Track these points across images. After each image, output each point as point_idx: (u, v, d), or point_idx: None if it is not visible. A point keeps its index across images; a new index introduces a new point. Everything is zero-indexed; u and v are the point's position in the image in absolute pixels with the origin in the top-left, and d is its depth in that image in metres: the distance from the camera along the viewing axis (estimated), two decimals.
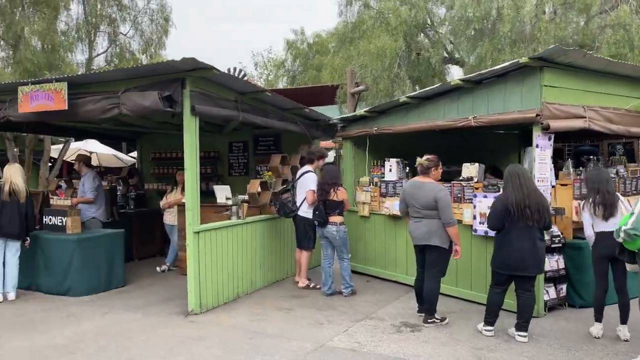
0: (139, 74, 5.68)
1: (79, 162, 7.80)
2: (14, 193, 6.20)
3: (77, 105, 5.98)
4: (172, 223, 7.98)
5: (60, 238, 6.52)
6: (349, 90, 10.17)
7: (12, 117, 6.56)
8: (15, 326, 5.26)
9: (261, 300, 6.15)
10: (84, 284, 6.47)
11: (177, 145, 9.35)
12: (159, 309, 5.84)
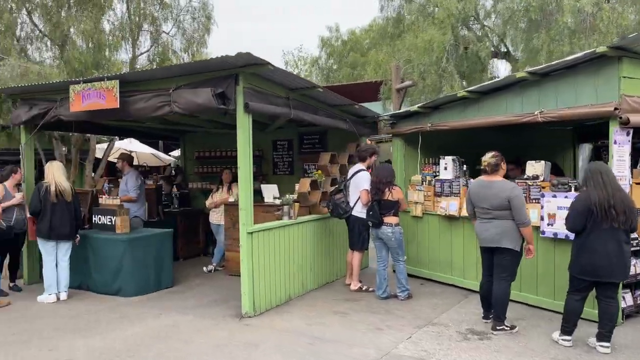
0: (192, 70, 5.55)
1: (122, 160, 7.76)
2: (60, 194, 6.15)
3: (128, 103, 5.91)
4: (218, 222, 7.88)
5: (111, 238, 6.47)
6: (394, 86, 9.88)
7: (63, 116, 6.55)
8: (71, 327, 5.21)
9: (314, 303, 5.95)
10: (134, 284, 6.41)
11: (221, 143, 9.30)
12: (212, 311, 5.71)
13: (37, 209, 6.10)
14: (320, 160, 6.95)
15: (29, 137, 7.12)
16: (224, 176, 7.93)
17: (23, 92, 6.86)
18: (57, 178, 6.20)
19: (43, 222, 6.07)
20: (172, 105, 5.67)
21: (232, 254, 7.54)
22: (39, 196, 6.08)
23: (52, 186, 6.12)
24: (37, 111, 6.71)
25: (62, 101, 6.56)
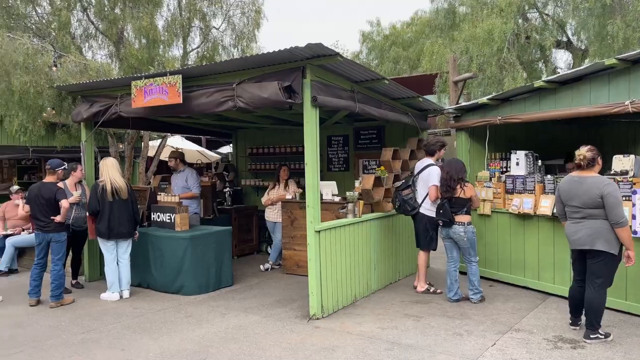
0: (256, 63, 5.37)
1: (175, 158, 7.67)
2: (116, 192, 6.08)
3: (189, 99, 5.79)
4: (274, 220, 7.72)
5: (173, 236, 6.38)
6: (452, 78, 9.50)
7: (123, 112, 6.51)
8: (139, 327, 5.13)
9: (382, 305, 5.70)
10: (195, 283, 6.31)
11: (274, 140, 9.14)
12: (277, 311, 5.53)
13: (95, 209, 6.06)
14: (383, 155, 6.68)
15: (89, 134, 7.12)
16: (281, 173, 7.76)
17: (84, 89, 6.85)
18: (112, 175, 6.12)
19: (102, 222, 6.03)
20: (236, 100, 5.52)
21: (290, 252, 7.38)
22: (96, 196, 6.03)
23: (107, 185, 6.05)
24: (97, 108, 6.70)
25: (122, 98, 6.53)
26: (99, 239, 6.17)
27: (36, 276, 5.97)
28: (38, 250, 5.92)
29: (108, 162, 6.23)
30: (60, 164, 6.06)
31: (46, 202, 5.79)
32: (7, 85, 6.36)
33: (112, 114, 6.61)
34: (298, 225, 7.27)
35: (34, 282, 5.96)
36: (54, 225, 5.83)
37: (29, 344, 4.69)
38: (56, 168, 5.99)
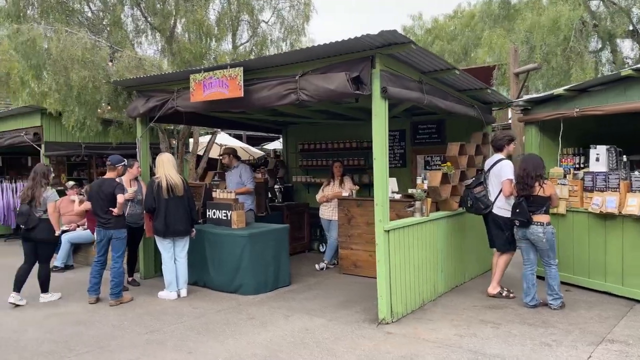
0: (322, 53, 5.10)
1: (229, 155, 7.50)
2: (171, 189, 5.93)
3: (250, 92, 5.58)
4: (329, 218, 7.47)
5: (231, 233, 6.21)
6: (513, 70, 9.01)
7: (180, 107, 6.36)
8: (202, 329, 4.96)
9: (453, 310, 5.36)
10: (254, 282, 6.12)
11: (326, 135, 8.86)
12: (342, 314, 5.27)
13: (151, 206, 5.93)
14: (449, 150, 6.32)
15: (145, 130, 7.03)
16: (335, 169, 7.49)
17: (140, 84, 6.75)
18: (168, 172, 5.98)
19: (158, 220, 5.90)
20: (299, 93, 5.27)
21: (347, 252, 7.11)
22: (152, 193, 5.90)
23: (163, 181, 5.91)
24: (154, 103, 6.58)
25: (179, 92, 6.39)
26: (156, 237, 6.05)
27: (96, 273, 5.90)
28: (99, 247, 5.85)
29: (164, 158, 6.09)
30: (120, 160, 5.96)
31: (106, 198, 5.70)
32: (66, 80, 6.32)
33: (169, 109, 6.48)
34: (355, 224, 7.00)
35: (94, 280, 5.89)
36: (114, 222, 5.74)
37: (95, 344, 4.58)
38: (116, 164, 5.89)
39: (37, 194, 5.83)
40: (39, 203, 5.83)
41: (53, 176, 6.17)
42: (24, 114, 9.59)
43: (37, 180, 5.87)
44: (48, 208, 5.86)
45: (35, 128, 9.31)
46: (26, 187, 5.93)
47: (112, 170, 5.89)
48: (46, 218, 5.88)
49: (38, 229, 5.83)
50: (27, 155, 15.92)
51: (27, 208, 5.82)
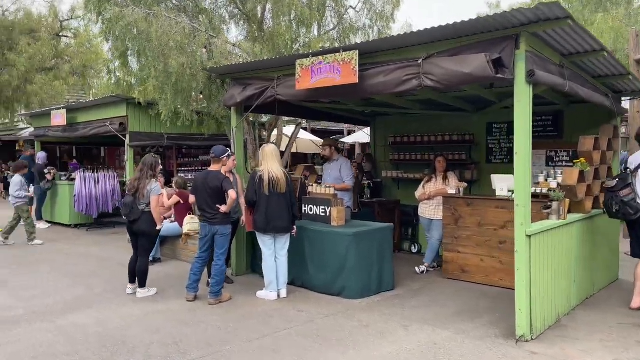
0: (452, 33, 4.52)
1: (330, 146, 7.08)
2: (273, 184, 5.52)
3: (364, 78, 5.09)
4: (431, 217, 6.88)
5: (335, 231, 5.76)
6: (633, 56, 8.07)
7: (281, 95, 5.97)
8: (316, 336, 4.52)
9: (597, 328, 4.65)
10: (358, 285, 5.65)
11: (421, 127, 8.23)
12: (467, 327, 4.69)
13: (251, 200, 5.55)
14: (582, 145, 5.57)
15: (240, 120, 6.70)
16: (438, 164, 6.89)
17: (238, 72, 6.41)
18: (270, 165, 5.59)
19: (258, 215, 5.52)
20: (422, 78, 4.73)
21: (453, 255, 6.51)
22: (254, 186, 5.52)
23: (265, 175, 5.52)
24: (252, 91, 6.22)
25: (279, 79, 5.99)
26: (257, 233, 5.69)
27: (197, 270, 5.61)
28: (202, 243, 5.55)
29: (267, 150, 5.69)
30: (224, 151, 5.63)
31: (212, 191, 5.39)
32: (165, 66, 6.06)
33: (268, 98, 6.10)
34: (464, 225, 6.38)
35: (194, 277, 5.60)
36: (220, 217, 5.42)
37: (206, 348, 4.24)
38: (220, 156, 5.56)
39: (142, 186, 5.61)
40: (143, 195, 5.61)
41: (161, 169, 5.96)
42: (109, 104, 9.56)
43: (144, 171, 5.66)
44: (151, 201, 5.62)
45: (120, 118, 9.25)
46: (133, 178, 5.74)
47: (216, 162, 5.55)
48: (148, 211, 5.66)
49: (140, 221, 5.62)
50: (101, 146, 16.31)
51: (132, 199, 5.62)
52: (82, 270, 7.15)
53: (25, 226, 9.13)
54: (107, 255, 8.14)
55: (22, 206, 9.09)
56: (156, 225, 5.73)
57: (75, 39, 18.65)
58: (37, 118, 12.39)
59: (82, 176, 10.54)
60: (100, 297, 5.77)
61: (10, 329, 4.73)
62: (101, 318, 5.05)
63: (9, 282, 6.47)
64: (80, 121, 10.47)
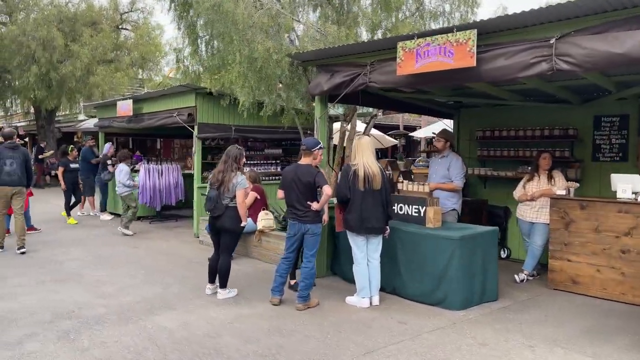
0: (598, 6, 3.85)
1: (445, 140, 6.32)
2: (368, 179, 4.99)
3: (482, 61, 4.49)
4: (533, 220, 6.17)
5: (436, 234, 5.18)
6: None
7: (375, 82, 5.46)
8: (430, 356, 3.98)
9: None
10: (461, 294, 5.06)
11: (513, 120, 7.47)
12: (607, 350, 4.03)
13: (345, 197, 5.03)
14: None
15: (325, 110, 6.21)
16: (542, 161, 6.17)
17: (326, 57, 5.91)
18: (366, 159, 5.05)
19: (352, 213, 5.00)
20: (555, 60, 4.10)
21: (561, 263, 5.80)
22: (347, 181, 4.99)
23: (360, 171, 5.00)
24: (340, 79, 5.73)
25: (373, 65, 5.47)
26: (349, 233, 5.18)
27: (283, 272, 5.17)
28: (289, 242, 5.10)
29: (363, 142, 5.16)
30: (316, 143, 5.14)
31: (303, 187, 4.92)
32: (250, 51, 5.63)
33: (359, 85, 5.59)
34: (576, 230, 5.67)
35: (280, 279, 5.16)
36: (312, 216, 4.95)
37: None
38: (312, 148, 5.07)
39: (227, 179, 5.21)
40: (228, 189, 5.21)
41: (245, 162, 5.55)
42: (177, 94, 9.28)
43: (228, 163, 5.25)
44: (237, 195, 5.22)
45: (189, 108, 8.95)
46: (217, 171, 5.34)
47: (307, 155, 5.07)
48: (233, 206, 5.26)
49: (224, 217, 5.23)
50: (157, 137, 16.24)
51: (216, 194, 5.23)
52: (152, 265, 6.87)
53: (129, 215, 9.15)
54: (175, 251, 7.87)
55: (130, 195, 9.16)
56: (241, 221, 5.33)
57: (135, 31, 18.72)
58: (102, 109, 12.36)
59: (146, 168, 10.36)
60: (179, 297, 5.43)
61: (95, 330, 4.43)
62: (186, 321, 4.68)
63: (83, 275, 6.25)
64: (146, 112, 10.27)
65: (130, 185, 9.20)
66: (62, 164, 10.61)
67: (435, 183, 6.04)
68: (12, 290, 5.55)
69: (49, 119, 18.57)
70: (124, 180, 9.10)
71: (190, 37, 7.93)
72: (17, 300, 5.19)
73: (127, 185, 9.10)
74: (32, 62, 15.59)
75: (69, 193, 10.53)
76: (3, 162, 7.18)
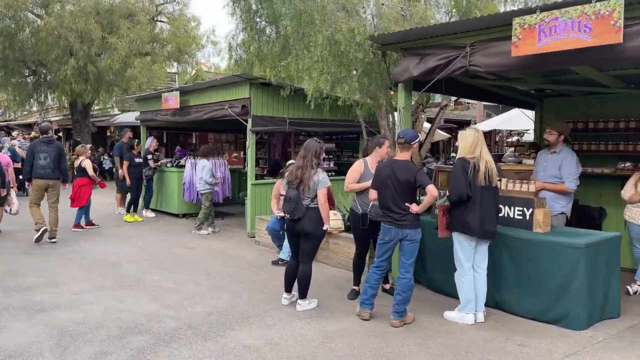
0: None
1: (559, 133, 5.50)
2: (488, 176, 4.34)
3: (629, 37, 3.75)
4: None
5: (557, 242, 4.46)
6: None
7: (478, 66, 4.75)
8: None
9: None
10: (584, 311, 4.36)
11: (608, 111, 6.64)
12: None
13: (465, 195, 4.30)
14: None
15: (409, 99, 5.54)
16: None
17: (414, 39, 5.22)
18: (484, 153, 4.41)
19: (472, 213, 4.32)
20: None
21: None
22: (466, 177, 4.31)
23: (481, 164, 4.34)
24: (433, 63, 5.03)
25: (475, 46, 4.76)
26: (460, 238, 4.44)
27: (374, 283, 4.54)
28: (383, 249, 4.46)
29: (479, 135, 4.49)
30: (415, 135, 4.48)
31: (402, 186, 4.28)
32: (333, 33, 4.99)
33: (456, 70, 4.90)
34: None
35: (371, 291, 4.54)
36: (410, 219, 4.31)
37: None
38: (411, 142, 4.42)
39: (307, 177, 4.61)
40: (308, 187, 4.60)
41: (324, 157, 4.93)
42: (229, 85, 8.71)
43: (307, 158, 4.65)
44: (319, 195, 4.62)
45: (242, 100, 8.36)
46: (294, 167, 4.74)
47: (405, 149, 4.42)
48: (314, 207, 4.66)
49: (305, 220, 4.63)
50: (193, 132, 15.69)
51: (296, 193, 4.62)
52: (213, 268, 6.33)
53: (204, 214, 8.69)
54: (232, 252, 7.32)
55: (209, 194, 8.67)
56: (323, 224, 4.73)
57: (171, 23, 18.27)
58: (143, 101, 11.90)
59: (193, 163, 9.85)
60: (253, 307, 4.86)
61: (171, 348, 3.88)
62: (271, 339, 4.10)
63: (143, 281, 5.73)
64: (193, 104, 9.75)
65: (213, 183, 8.66)
66: (127, 158, 9.93)
67: (541, 182, 5.31)
68: (73, 297, 5.06)
69: (84, 113, 18.30)
70: (207, 177, 8.54)
71: (248, 22, 7.34)
72: (80, 310, 4.69)
73: (209, 182, 8.57)
74: (70, 55, 15.27)
75: (133, 189, 9.96)
76: (38, 156, 7.40)
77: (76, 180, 8.56)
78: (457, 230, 4.41)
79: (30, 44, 15.99)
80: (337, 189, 7.30)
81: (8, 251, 7.04)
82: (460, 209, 4.36)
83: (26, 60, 16.48)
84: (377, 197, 4.50)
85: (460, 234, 4.41)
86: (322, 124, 9.02)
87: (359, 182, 5.06)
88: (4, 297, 5.01)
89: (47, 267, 6.23)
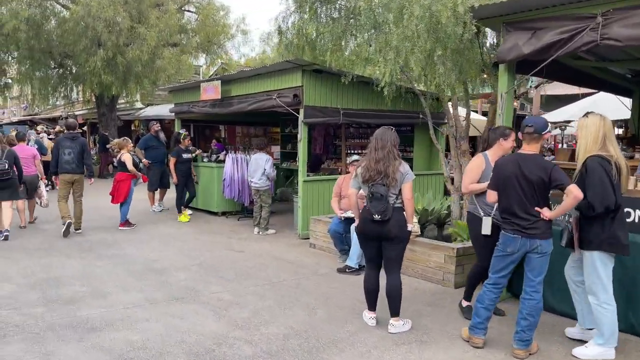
0: None
1: None
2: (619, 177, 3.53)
3: None
4: None
5: None
6: None
7: (617, 40, 3.92)
8: None
9: None
10: None
11: None
12: None
13: (614, 203, 3.46)
14: None
15: (513, 83, 4.72)
16: None
17: (526, 9, 4.40)
18: (617, 149, 3.58)
19: (621, 227, 3.50)
20: None
21: None
22: (611, 181, 3.44)
23: (622, 164, 3.52)
24: (552, 37, 4.23)
25: (609, 15, 3.94)
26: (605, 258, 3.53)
27: (490, 303, 3.73)
28: (504, 262, 3.64)
29: (608, 122, 3.63)
30: (545, 124, 3.65)
31: (531, 187, 3.48)
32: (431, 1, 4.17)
33: (583, 45, 4.10)
34: None
35: (485, 313, 3.74)
36: (542, 227, 3.49)
37: None
38: (542, 131, 3.58)
39: (392, 170, 3.86)
40: (395, 181, 3.86)
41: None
42: (278, 72, 7.95)
43: (387, 149, 3.91)
44: (404, 191, 3.88)
45: (294, 89, 7.59)
46: (373, 161, 3.95)
47: (534, 141, 3.58)
48: (399, 206, 3.92)
49: (392, 222, 3.87)
50: (220, 124, 14.93)
51: (385, 190, 3.86)
52: (273, 277, 5.59)
53: (268, 212, 8.02)
54: (287, 257, 6.57)
55: (269, 190, 7.95)
56: (406, 224, 3.98)
57: (200, 12, 17.59)
58: (178, 93, 11.20)
59: (234, 158, 9.14)
60: (336, 330, 4.10)
61: None
62: None
63: (199, 292, 5.02)
64: (235, 94, 9.01)
65: (274, 178, 7.98)
66: (174, 154, 9.10)
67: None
68: (125, 313, 4.35)
69: (111, 106, 17.74)
70: (270, 170, 7.78)
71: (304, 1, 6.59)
72: (136, 330, 3.98)
73: (272, 176, 7.86)
74: (98, 46, 14.68)
75: (180, 187, 9.18)
76: (62, 151, 7.64)
77: (116, 174, 8.07)
78: (603, 250, 3.54)
79: (56, 35, 15.45)
80: None
81: (45, 252, 6.42)
82: (600, 222, 3.51)
83: (52, 51, 15.94)
84: (496, 199, 3.69)
85: (605, 253, 3.55)
86: (379, 115, 8.22)
87: (479, 182, 4.25)
88: (48, 312, 4.33)
89: (90, 272, 5.56)
